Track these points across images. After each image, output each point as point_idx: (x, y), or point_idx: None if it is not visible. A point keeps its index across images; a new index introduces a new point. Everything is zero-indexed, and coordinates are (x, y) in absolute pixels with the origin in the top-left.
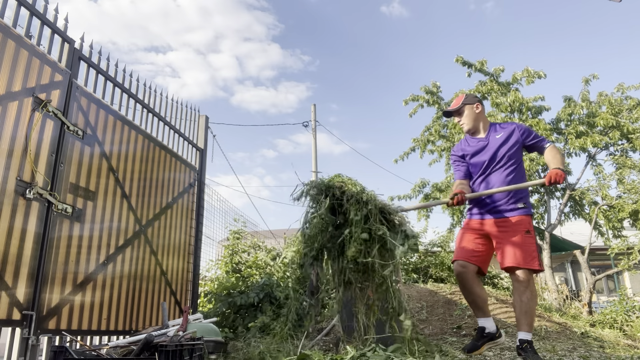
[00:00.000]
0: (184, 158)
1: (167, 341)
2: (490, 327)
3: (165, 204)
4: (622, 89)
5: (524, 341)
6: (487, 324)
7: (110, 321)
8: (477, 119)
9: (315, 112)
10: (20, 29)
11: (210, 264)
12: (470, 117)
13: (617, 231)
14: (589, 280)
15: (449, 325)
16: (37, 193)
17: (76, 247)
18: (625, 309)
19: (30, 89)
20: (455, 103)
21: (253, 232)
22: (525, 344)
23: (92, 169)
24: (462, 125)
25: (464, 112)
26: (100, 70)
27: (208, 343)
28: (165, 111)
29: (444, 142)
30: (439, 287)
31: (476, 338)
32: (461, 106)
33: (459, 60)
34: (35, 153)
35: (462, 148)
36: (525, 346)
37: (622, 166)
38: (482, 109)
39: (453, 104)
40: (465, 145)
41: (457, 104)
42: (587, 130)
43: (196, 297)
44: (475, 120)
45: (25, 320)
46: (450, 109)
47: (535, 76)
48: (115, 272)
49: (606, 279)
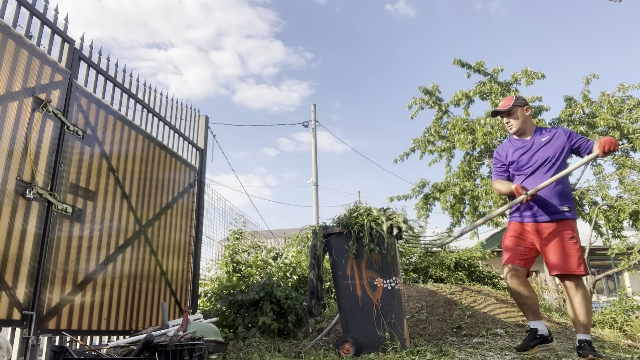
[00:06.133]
0: (184, 158)
1: (167, 341)
2: (542, 329)
3: (165, 204)
4: (623, 89)
5: (583, 341)
6: (540, 326)
7: (110, 321)
8: (526, 121)
9: (315, 112)
10: (20, 29)
11: (210, 264)
12: (520, 119)
13: (616, 231)
14: (589, 280)
15: (449, 325)
16: (37, 193)
17: (76, 247)
18: (625, 309)
19: (30, 89)
20: (505, 104)
21: (253, 232)
22: (584, 344)
23: (92, 169)
24: (510, 126)
25: (514, 114)
26: (100, 70)
27: (208, 343)
28: (165, 111)
29: (443, 142)
30: (439, 287)
31: (529, 339)
32: (512, 107)
33: (457, 62)
34: (35, 153)
35: (506, 150)
36: (584, 345)
37: (622, 166)
38: (530, 112)
39: (503, 104)
40: (509, 147)
41: (507, 105)
42: (587, 131)
43: (196, 297)
44: (524, 122)
45: (25, 320)
46: (501, 109)
47: (534, 77)
48: (115, 272)
49: (606, 279)
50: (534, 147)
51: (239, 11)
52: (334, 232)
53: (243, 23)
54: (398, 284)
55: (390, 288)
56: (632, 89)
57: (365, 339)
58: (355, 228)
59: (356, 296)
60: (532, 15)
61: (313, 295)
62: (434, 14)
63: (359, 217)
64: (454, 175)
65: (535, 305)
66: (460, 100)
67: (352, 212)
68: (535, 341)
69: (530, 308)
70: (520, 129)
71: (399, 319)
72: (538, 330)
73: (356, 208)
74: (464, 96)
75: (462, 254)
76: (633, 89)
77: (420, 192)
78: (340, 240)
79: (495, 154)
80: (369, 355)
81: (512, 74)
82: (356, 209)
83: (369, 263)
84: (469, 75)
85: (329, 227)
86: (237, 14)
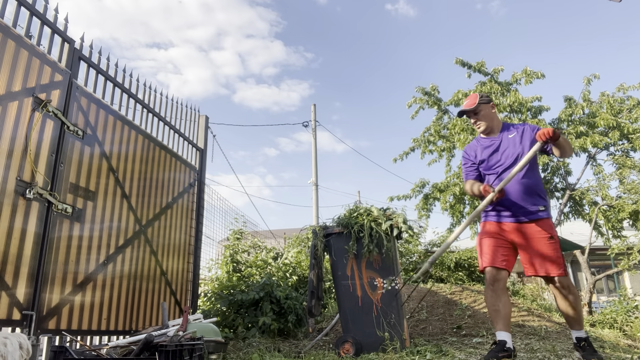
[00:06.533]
0: (184, 158)
1: (167, 341)
2: (510, 343)
3: (165, 204)
4: (623, 89)
5: (582, 339)
6: (509, 339)
7: (110, 321)
8: (493, 118)
9: (315, 112)
10: (20, 28)
11: (210, 264)
12: (487, 117)
13: (616, 231)
14: (589, 280)
15: (449, 325)
16: (37, 193)
17: (76, 247)
18: (625, 309)
19: (30, 89)
20: (470, 103)
21: (253, 232)
22: (584, 343)
23: (92, 169)
24: (478, 125)
25: (481, 112)
26: (100, 70)
27: (208, 343)
28: (165, 111)
29: (443, 142)
30: (439, 287)
31: (497, 349)
32: (478, 105)
33: (458, 62)
34: (35, 153)
35: (474, 150)
36: (584, 345)
37: (622, 166)
38: (495, 109)
39: (468, 104)
40: (477, 146)
41: (473, 103)
42: (587, 131)
43: (196, 297)
44: (491, 120)
45: (25, 320)
46: (466, 108)
47: (534, 76)
48: (115, 272)
49: (606, 279)
50: (503, 144)
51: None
52: (334, 232)
53: (243, 23)
54: (398, 284)
55: (390, 288)
56: (632, 89)
57: (365, 339)
58: (355, 228)
59: (356, 296)
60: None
61: (313, 295)
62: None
63: (359, 217)
64: (454, 175)
65: (508, 315)
66: (460, 100)
67: (352, 212)
68: (504, 353)
69: (504, 317)
70: (488, 127)
71: (398, 319)
72: (507, 342)
73: (356, 208)
74: (463, 96)
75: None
76: (633, 89)
77: (420, 192)
78: (340, 240)
79: (463, 154)
80: (369, 355)
81: (512, 74)
82: (356, 209)
83: (369, 263)
84: (469, 75)
85: (329, 227)
86: (237, 14)
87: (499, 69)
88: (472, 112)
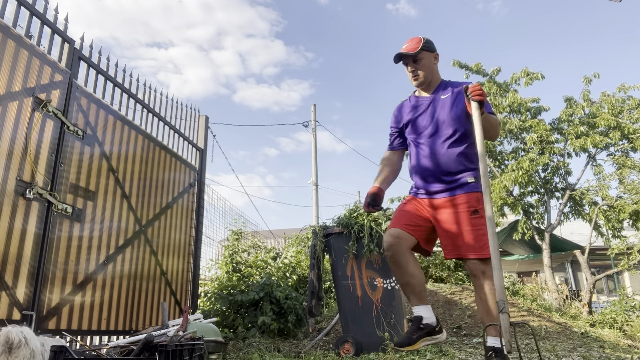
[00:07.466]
0: (184, 158)
1: (167, 341)
2: (428, 317)
3: (165, 204)
4: (624, 89)
5: (492, 349)
6: (426, 313)
7: (110, 321)
8: (433, 71)
9: (315, 112)
10: (20, 28)
11: (210, 264)
12: (427, 68)
13: (616, 231)
14: (589, 280)
15: (449, 325)
16: (37, 193)
17: (76, 247)
18: (625, 308)
19: (30, 89)
20: (411, 47)
21: (253, 232)
22: (492, 353)
23: (92, 169)
24: (416, 76)
25: (421, 60)
26: (100, 70)
27: (208, 343)
28: (165, 111)
29: None
30: (439, 287)
31: (411, 330)
32: (419, 52)
33: (456, 64)
34: (35, 153)
35: (401, 110)
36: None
37: (622, 166)
38: (438, 61)
39: (408, 47)
40: (407, 106)
41: (414, 48)
42: (587, 131)
43: (196, 297)
44: (431, 73)
45: (25, 320)
46: (405, 52)
47: (533, 77)
48: (115, 272)
49: (606, 279)
50: (432, 106)
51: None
52: (334, 232)
53: (244, 22)
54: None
55: (390, 288)
56: (633, 89)
57: (365, 339)
58: (355, 228)
59: (356, 296)
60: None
61: (313, 295)
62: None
63: (358, 217)
64: None
65: (420, 286)
66: None
67: (352, 212)
68: (420, 332)
69: (414, 289)
70: (426, 80)
71: (398, 319)
72: (423, 318)
73: (356, 208)
74: None
75: None
76: (634, 89)
77: None
78: (340, 240)
79: (391, 116)
80: (369, 355)
81: (512, 75)
82: (356, 209)
83: (369, 263)
84: (467, 76)
85: (329, 227)
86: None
87: (497, 70)
88: (410, 58)
